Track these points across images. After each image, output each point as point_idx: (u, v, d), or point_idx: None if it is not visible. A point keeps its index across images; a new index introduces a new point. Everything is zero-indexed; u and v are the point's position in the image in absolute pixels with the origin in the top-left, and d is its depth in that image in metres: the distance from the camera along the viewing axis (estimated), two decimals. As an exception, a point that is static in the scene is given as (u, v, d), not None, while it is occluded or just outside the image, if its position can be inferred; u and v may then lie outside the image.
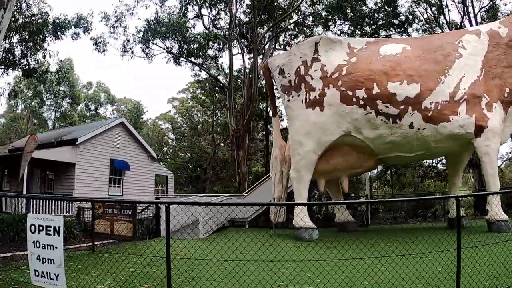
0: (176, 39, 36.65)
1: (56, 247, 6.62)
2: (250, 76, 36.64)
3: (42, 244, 6.69)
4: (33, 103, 61.01)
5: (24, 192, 20.19)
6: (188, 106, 68.08)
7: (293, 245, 14.49)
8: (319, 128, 18.19)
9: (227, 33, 39.45)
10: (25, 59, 27.27)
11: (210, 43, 37.51)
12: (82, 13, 30.75)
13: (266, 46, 40.08)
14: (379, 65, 17.84)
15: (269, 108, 47.55)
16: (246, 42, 39.35)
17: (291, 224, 19.36)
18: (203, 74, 47.75)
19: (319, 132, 18.21)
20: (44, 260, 6.67)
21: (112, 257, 12.17)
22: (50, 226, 6.68)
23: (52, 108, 65.08)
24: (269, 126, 47.85)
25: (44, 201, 21.13)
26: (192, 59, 39.59)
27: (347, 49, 19.07)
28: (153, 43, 37.85)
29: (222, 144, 59.84)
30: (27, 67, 27.49)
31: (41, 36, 27.05)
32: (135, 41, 38.06)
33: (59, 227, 6.64)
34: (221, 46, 39.66)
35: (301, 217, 17.89)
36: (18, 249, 13.17)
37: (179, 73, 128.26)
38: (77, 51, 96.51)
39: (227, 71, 41.80)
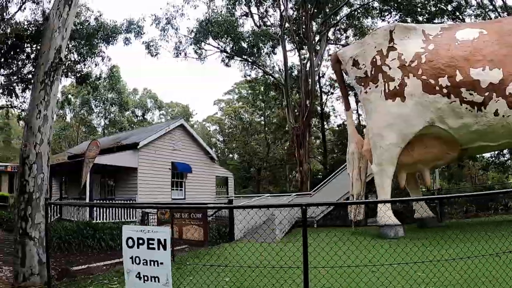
0: (228, 38, 35.57)
1: (161, 263, 5.67)
2: (307, 71, 35.24)
3: (143, 260, 5.77)
4: (82, 111, 60.98)
5: (87, 199, 19.29)
6: (235, 106, 67.58)
7: (403, 244, 12.91)
8: (401, 120, 17.05)
9: (277, 29, 38.49)
10: (79, 65, 26.45)
11: (263, 40, 36.05)
12: (132, 18, 30.02)
13: (318, 41, 38.58)
14: (458, 51, 16.71)
15: (324, 105, 46.54)
16: (297, 38, 37.89)
17: (368, 220, 19.80)
18: (253, 74, 47.05)
19: (401, 124, 17.08)
20: (146, 278, 5.78)
21: (197, 266, 10.80)
22: (152, 239, 5.74)
23: (101, 115, 65.20)
24: (324, 122, 46.80)
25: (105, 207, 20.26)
26: (243, 57, 38.38)
27: (422, 36, 17.95)
28: (206, 43, 37.00)
29: (276, 143, 58.81)
30: (79, 74, 26.68)
31: (95, 41, 26.28)
32: (187, 42, 37.46)
33: (165, 240, 5.69)
34: (273, 43, 38.21)
35: (386, 214, 16.67)
36: (89, 259, 12.20)
37: (223, 75, 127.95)
38: (120, 58, 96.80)
39: (278, 67, 40.90)
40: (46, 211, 7.67)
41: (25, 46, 22.02)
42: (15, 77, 26.03)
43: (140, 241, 5.77)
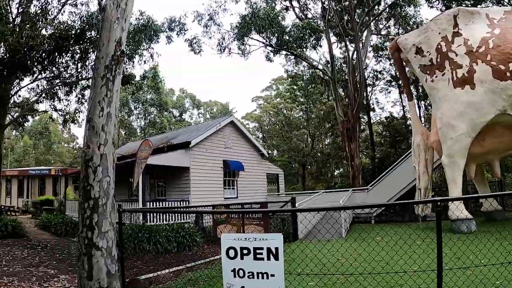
0: (272, 31, 34.63)
1: (272, 275, 4.89)
2: (353, 63, 34.16)
3: (249, 273, 5.02)
4: (122, 113, 61.02)
5: (140, 201, 18.68)
6: (274, 103, 66.93)
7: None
8: (472, 108, 16.16)
9: (319, 22, 37.40)
10: (124, 64, 25.88)
11: (307, 33, 34.97)
12: (173, 15, 29.36)
13: (363, 33, 37.39)
14: (526, 34, 15.66)
15: (369, 97, 45.32)
16: (342, 30, 36.78)
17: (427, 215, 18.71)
18: (296, 68, 46.30)
19: (472, 112, 16.19)
20: (253, 293, 4.84)
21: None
22: (260, 248, 4.99)
23: (141, 116, 65.21)
24: (371, 115, 45.66)
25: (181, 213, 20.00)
26: (289, 51, 37.38)
27: (486, 21, 17.12)
28: (250, 37, 36.19)
29: (320, 138, 57.91)
30: (123, 74, 26.08)
31: (141, 38, 25.76)
32: (230, 38, 36.83)
33: (276, 248, 4.91)
34: (317, 36, 37.11)
35: (458, 207, 15.84)
36: (147, 265, 11.52)
37: (262, 72, 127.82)
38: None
39: (323, 60, 39.95)
40: (120, 219, 6.93)
41: (69, 46, 21.52)
42: (57, 81, 25.72)
43: (245, 251, 5.05)
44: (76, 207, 26.20)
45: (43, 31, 21.56)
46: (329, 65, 37.21)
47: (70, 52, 22.35)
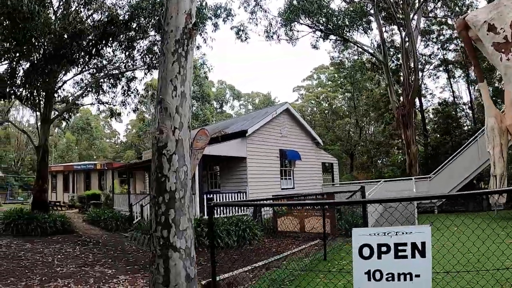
0: (321, 15, 33.23)
1: (417, 276, 3.90)
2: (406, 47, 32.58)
3: (388, 274, 3.98)
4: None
5: (197, 195, 17.78)
6: (317, 92, 65.81)
7: None
8: None
9: (368, 5, 35.81)
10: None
11: (358, 16, 33.46)
12: (220, 2, 28.26)
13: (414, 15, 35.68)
14: None
15: (419, 82, 43.61)
16: (393, 11, 35.20)
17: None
18: (342, 55, 45.10)
19: None
20: (393, 298, 3.84)
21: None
22: (403, 244, 3.96)
23: (184, 109, 64.58)
24: (423, 100, 43.98)
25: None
26: (339, 35, 35.90)
27: None
28: (299, 22, 34.79)
29: (369, 125, 56.63)
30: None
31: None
32: (277, 24, 35.42)
33: (423, 243, 3.90)
34: (367, 19, 35.61)
35: None
36: (220, 263, 10.61)
37: (301, 61, 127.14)
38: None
39: (373, 45, 38.48)
40: (210, 215, 5.95)
41: (117, 34, 20.67)
42: (102, 74, 25.11)
43: (383, 248, 4.03)
44: (124, 201, 25.65)
45: (89, 20, 20.83)
46: (380, 49, 35.65)
47: (117, 41, 21.53)
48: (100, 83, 25.71)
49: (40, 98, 22.90)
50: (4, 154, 71.54)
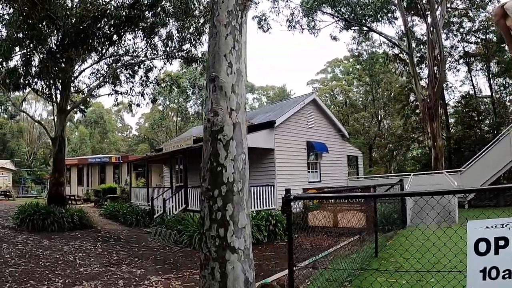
0: (344, 4, 32.25)
1: None
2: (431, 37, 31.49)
3: (505, 271, 3.24)
4: (180, 98, 59.74)
5: None
6: (331, 85, 65.07)
7: None
8: None
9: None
10: (190, 43, 24.20)
11: (382, 5, 32.35)
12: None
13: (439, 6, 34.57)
14: None
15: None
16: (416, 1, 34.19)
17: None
18: (358, 47, 44.23)
19: None
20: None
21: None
22: None
23: (198, 102, 63.84)
24: (445, 93, 42.93)
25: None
26: (363, 24, 34.85)
27: None
28: (323, 12, 33.78)
29: (387, 118, 55.87)
30: (187, 54, 24.50)
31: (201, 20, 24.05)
32: (300, 14, 34.36)
33: None
34: (390, 9, 34.48)
35: None
36: (258, 262, 9.82)
37: (315, 55, 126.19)
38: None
39: (397, 35, 37.48)
40: (288, 211, 5.12)
41: (140, 18, 19.74)
42: (118, 64, 24.32)
43: (501, 242, 3.28)
44: (142, 195, 24.94)
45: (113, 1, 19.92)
46: (404, 40, 34.62)
47: (139, 26, 20.66)
48: (117, 73, 24.89)
49: (57, 87, 22.14)
50: (17, 148, 71.20)
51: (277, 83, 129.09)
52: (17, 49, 18.94)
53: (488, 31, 38.74)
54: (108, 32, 19.22)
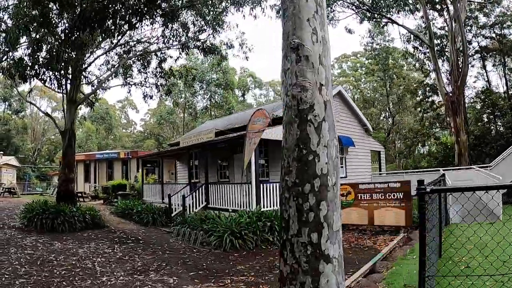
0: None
1: None
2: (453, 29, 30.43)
3: None
4: (187, 93, 58.70)
5: (254, 184, 15.87)
6: (340, 81, 64.67)
7: None
8: None
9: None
10: (213, 29, 23.37)
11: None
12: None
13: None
14: None
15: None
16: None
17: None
18: (374, 40, 43.34)
19: None
20: None
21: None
22: None
23: (207, 96, 62.81)
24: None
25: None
26: (384, 15, 33.66)
27: None
28: (343, 1, 32.65)
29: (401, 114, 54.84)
30: (204, 44, 23.74)
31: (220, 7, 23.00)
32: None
33: None
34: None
35: None
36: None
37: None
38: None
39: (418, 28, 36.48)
40: (422, 208, 4.08)
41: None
42: (130, 54, 23.29)
43: None
44: (156, 192, 23.93)
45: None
46: (425, 33, 33.55)
47: (160, 8, 19.47)
48: (130, 64, 23.86)
49: (67, 76, 21.00)
50: (21, 144, 70.63)
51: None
52: (23, 38, 18.02)
53: (503, 26, 37.88)
54: (127, 14, 17.97)
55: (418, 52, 39.45)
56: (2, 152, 57.73)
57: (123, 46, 23.80)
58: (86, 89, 26.18)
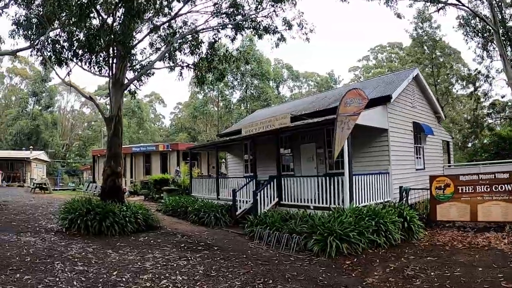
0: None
1: None
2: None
3: None
4: (221, 84, 56.11)
5: (347, 175, 13.02)
6: (375, 72, 62.75)
7: None
8: None
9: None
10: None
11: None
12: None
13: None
14: None
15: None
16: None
17: None
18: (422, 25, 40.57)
19: None
20: None
21: None
22: None
23: (242, 88, 60.10)
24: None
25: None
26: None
27: None
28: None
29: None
30: (258, 25, 21.45)
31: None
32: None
33: None
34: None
35: None
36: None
37: (350, 44, 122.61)
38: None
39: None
40: None
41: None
42: (176, 36, 20.63)
43: None
44: (207, 187, 21.39)
45: None
46: (488, 14, 30.32)
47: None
48: (178, 45, 21.17)
49: (115, 54, 18.23)
50: (50, 139, 69.70)
51: (317, 69, 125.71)
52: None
53: None
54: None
55: (476, 37, 36.14)
56: (31, 147, 56.54)
57: (169, 28, 21.60)
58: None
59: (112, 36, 16.38)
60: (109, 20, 17.24)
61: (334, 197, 13.64)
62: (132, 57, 20.61)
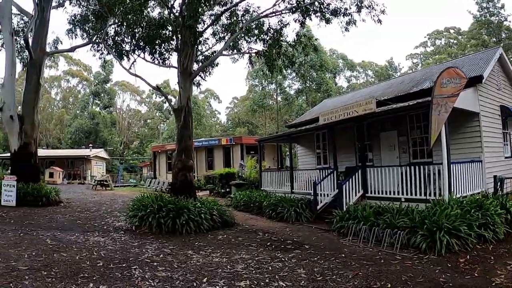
0: None
1: None
2: None
3: None
4: (279, 76, 54.80)
5: (445, 163, 11.79)
6: (435, 58, 61.41)
7: None
8: None
9: None
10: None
11: None
12: None
13: None
14: None
15: None
16: None
17: None
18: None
19: None
20: None
21: None
22: None
23: (297, 80, 58.93)
24: None
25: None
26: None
27: None
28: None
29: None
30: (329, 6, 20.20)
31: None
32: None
33: None
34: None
35: None
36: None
37: (404, 32, 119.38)
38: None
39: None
40: None
41: None
42: (240, 25, 19.72)
43: None
44: (279, 180, 20.43)
45: None
46: None
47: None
48: (246, 32, 20.80)
49: (184, 41, 17.40)
50: (109, 137, 71.11)
51: (370, 58, 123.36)
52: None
53: None
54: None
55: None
56: (91, 145, 57.35)
57: (231, 16, 20.78)
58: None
59: (181, 19, 15.63)
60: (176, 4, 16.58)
61: (427, 188, 12.56)
62: (198, 45, 19.80)
